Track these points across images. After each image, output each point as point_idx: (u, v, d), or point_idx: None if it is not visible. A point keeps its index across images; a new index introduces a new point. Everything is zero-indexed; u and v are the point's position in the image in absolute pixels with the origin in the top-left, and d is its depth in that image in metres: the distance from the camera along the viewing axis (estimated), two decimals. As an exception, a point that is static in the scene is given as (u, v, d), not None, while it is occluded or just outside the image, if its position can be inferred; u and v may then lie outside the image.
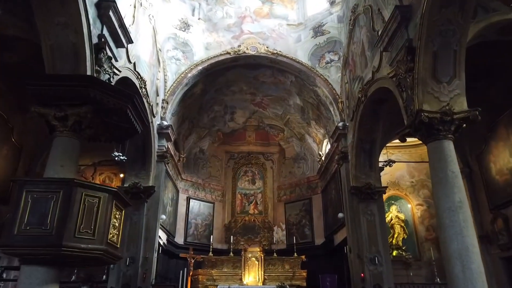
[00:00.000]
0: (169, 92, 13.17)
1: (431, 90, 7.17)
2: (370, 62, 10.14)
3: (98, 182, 15.02)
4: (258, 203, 18.50)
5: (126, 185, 11.56)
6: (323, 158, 15.90)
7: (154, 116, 12.04)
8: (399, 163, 14.51)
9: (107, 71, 7.62)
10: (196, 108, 16.24)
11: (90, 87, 6.44)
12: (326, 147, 16.61)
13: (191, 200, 17.24)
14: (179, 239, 16.01)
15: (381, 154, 12.37)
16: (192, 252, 13.54)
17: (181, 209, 16.67)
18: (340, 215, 12.63)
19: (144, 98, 10.73)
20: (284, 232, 17.68)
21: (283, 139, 18.82)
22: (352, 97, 11.98)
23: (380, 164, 11.03)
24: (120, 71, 8.39)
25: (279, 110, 17.54)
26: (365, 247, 11.24)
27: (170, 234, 14.79)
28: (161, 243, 13.14)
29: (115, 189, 6.30)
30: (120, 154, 9.52)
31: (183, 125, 16.21)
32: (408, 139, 15.14)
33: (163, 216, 12.57)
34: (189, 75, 13.55)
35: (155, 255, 11.53)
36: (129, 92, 7.06)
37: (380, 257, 11.08)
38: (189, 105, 15.38)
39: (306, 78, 14.03)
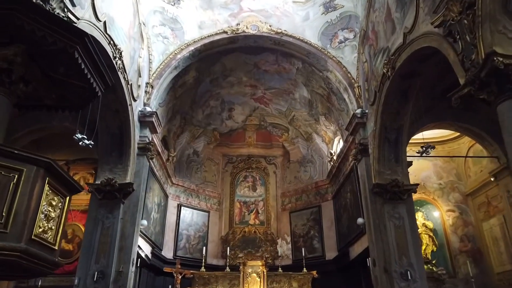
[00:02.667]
0: (155, 75, 11.16)
1: (502, 28, 5.14)
2: (400, 24, 8.15)
3: (72, 184, 12.86)
4: (260, 212, 16.26)
5: (98, 181, 9.42)
6: (334, 158, 13.77)
7: (135, 100, 9.99)
8: (424, 161, 12.45)
9: (55, 10, 5.59)
10: (189, 102, 14.22)
11: (17, 11, 4.42)
12: (337, 146, 14.52)
13: (182, 207, 15.02)
14: (168, 252, 13.72)
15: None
16: (179, 266, 11.25)
17: (171, 217, 14.43)
18: (360, 220, 10.43)
19: (120, 73, 8.71)
20: (290, 245, 15.39)
21: (287, 140, 16.72)
22: (373, 77, 9.96)
23: (415, 153, 8.85)
24: (78, 19, 6.37)
25: (283, 106, 15.52)
26: (394, 259, 9.02)
27: (156, 246, 12.53)
28: (143, 255, 10.89)
29: (49, 160, 4.20)
30: (84, 137, 7.40)
31: (174, 120, 14.15)
32: (435, 133, 13.16)
33: (144, 222, 10.36)
34: (179, 56, 11.55)
35: (132, 268, 9.29)
36: (80, 29, 5.03)
37: (413, 271, 8.87)
38: (180, 96, 13.36)
39: (316, 62, 12.03)
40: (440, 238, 12.18)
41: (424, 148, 7.67)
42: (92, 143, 7.64)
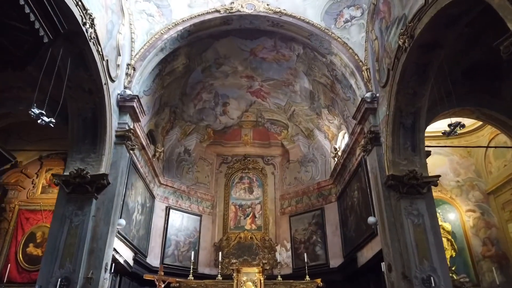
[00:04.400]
0: (137, 56, 9.89)
1: None
2: (419, -17, 6.94)
3: (44, 181, 11.52)
4: (257, 216, 14.87)
5: (66, 172, 8.06)
6: (339, 153, 12.45)
7: (113, 81, 8.71)
8: (439, 156, 11.20)
9: None
10: (178, 93, 12.96)
11: None
12: (342, 142, 13.24)
13: (171, 210, 13.62)
14: (154, 260, 12.27)
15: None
16: (162, 273, 9.82)
17: (158, 221, 13.02)
18: (371, 219, 9.07)
19: (92, 44, 7.44)
20: (290, 252, 13.97)
21: (286, 137, 15.43)
22: (385, 54, 8.73)
23: (441, 132, 7.50)
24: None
25: (282, 99, 14.27)
26: (414, 263, 7.65)
27: (139, 252, 11.10)
28: (122, 261, 9.49)
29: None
30: (43, 112, 6.07)
31: (162, 113, 12.87)
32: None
33: (122, 221, 8.98)
34: (166, 36, 10.30)
35: (105, 275, 7.89)
36: None
37: (436, 276, 7.50)
38: (168, 86, 12.10)
39: (319, 45, 10.80)
40: (459, 241, 10.81)
41: (452, 127, 6.38)
42: (53, 120, 6.32)
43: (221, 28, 11.06)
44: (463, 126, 6.49)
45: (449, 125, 6.41)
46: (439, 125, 11.28)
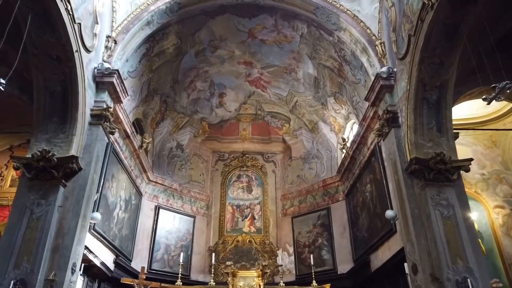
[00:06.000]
0: (120, 28, 8.68)
1: None
2: None
3: (14, 173, 10.24)
4: (256, 218, 13.52)
5: (29, 155, 6.78)
6: (347, 145, 11.17)
7: (88, 51, 7.48)
8: (462, 147, 9.91)
9: None
10: (170, 80, 11.74)
11: None
12: (350, 133, 11.99)
13: (161, 210, 12.29)
14: (140, 264, 10.59)
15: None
16: (144, 277, 8.44)
17: (146, 221, 11.70)
18: (390, 213, 7.73)
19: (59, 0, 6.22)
20: (292, 257, 12.61)
21: (288, 132, 14.17)
22: (405, 20, 7.52)
23: (482, 98, 6.11)
24: None
25: (284, 89, 13.06)
26: (445, 262, 6.33)
27: (122, 255, 9.74)
28: (98, 263, 8.14)
29: None
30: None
31: (151, 102, 11.65)
32: (471, 114, 10.68)
33: (97, 215, 7.64)
34: (153, 8, 9.09)
35: (73, 277, 6.54)
36: None
37: (473, 278, 6.18)
38: (158, 70, 10.89)
39: (325, 20, 9.59)
40: (487, 242, 9.49)
41: (498, 89, 5.12)
42: (3, 82, 5.04)
43: (216, 2, 9.88)
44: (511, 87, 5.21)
45: (494, 87, 5.14)
46: (460, 112, 10.11)
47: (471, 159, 7.15)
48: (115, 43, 8.49)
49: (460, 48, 6.80)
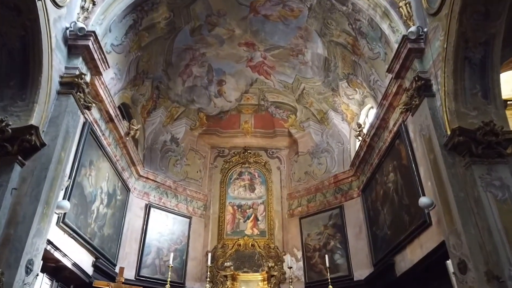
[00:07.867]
0: (99, -12, 7.44)
1: None
2: None
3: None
4: (259, 219, 12.09)
5: (-23, 125, 5.45)
6: (364, 131, 9.79)
7: (58, 5, 6.20)
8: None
9: None
10: (162, 60, 10.48)
11: None
12: (365, 120, 10.65)
13: (153, 209, 10.89)
14: (128, 270, 9.37)
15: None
16: (122, 280, 6.99)
17: (134, 221, 10.30)
18: (425, 200, 6.31)
19: None
20: (301, 262, 11.12)
21: (294, 124, 12.83)
22: (438, -35, 6.23)
23: None
24: None
25: (290, 75, 11.78)
26: (506, 257, 4.91)
27: (103, 257, 8.30)
28: (69, 265, 6.72)
29: None
30: None
31: (141, 86, 10.38)
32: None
33: (64, 203, 6.25)
34: (139, -32, 7.89)
35: (28, 278, 5.15)
36: None
37: (544, 278, 4.73)
38: (148, 47, 9.63)
39: (338, -16, 8.37)
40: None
41: None
42: None
43: (213, -33, 8.67)
44: None
45: None
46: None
47: (531, 129, 5.77)
48: (94, 4, 7.22)
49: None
